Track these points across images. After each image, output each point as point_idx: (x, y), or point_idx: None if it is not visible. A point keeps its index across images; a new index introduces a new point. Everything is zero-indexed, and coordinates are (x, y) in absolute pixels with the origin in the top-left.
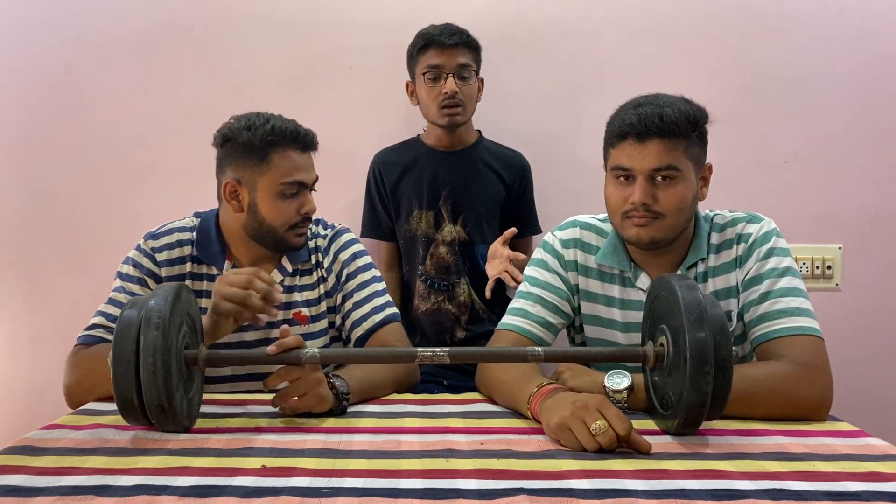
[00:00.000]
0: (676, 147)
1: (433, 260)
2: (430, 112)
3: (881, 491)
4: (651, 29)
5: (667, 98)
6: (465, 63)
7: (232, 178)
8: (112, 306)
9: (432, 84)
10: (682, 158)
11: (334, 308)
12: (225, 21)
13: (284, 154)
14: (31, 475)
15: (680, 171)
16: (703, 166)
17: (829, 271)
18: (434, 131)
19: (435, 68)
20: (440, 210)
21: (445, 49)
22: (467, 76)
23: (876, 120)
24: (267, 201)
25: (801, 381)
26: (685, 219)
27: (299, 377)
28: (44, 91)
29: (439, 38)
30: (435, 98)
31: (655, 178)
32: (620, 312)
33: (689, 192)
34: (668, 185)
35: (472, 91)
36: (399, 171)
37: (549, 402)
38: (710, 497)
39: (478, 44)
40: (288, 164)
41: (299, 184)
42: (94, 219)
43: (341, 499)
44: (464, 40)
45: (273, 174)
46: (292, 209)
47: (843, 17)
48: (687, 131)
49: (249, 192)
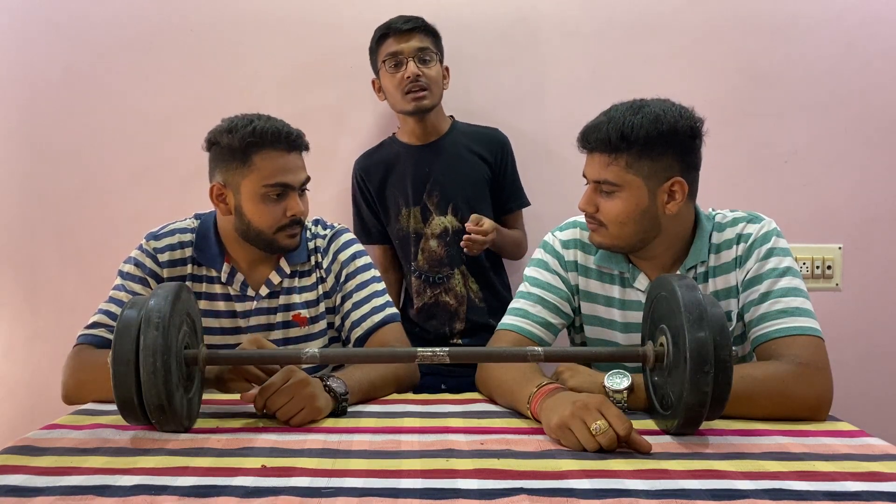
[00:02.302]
0: (616, 162)
1: (424, 255)
2: (396, 101)
3: (881, 491)
4: (651, 29)
5: (634, 109)
6: (424, 46)
7: (218, 180)
8: (114, 305)
9: (394, 70)
10: (622, 173)
11: (333, 309)
12: (225, 21)
13: (266, 155)
14: (31, 475)
15: (618, 185)
16: (664, 181)
17: (829, 271)
18: (406, 126)
19: (394, 55)
20: (426, 204)
21: (402, 34)
22: (428, 59)
23: (876, 120)
24: (251, 204)
25: (801, 381)
26: (632, 231)
27: (288, 394)
28: (44, 91)
29: (395, 25)
30: (398, 84)
31: (601, 189)
32: (620, 313)
33: (630, 206)
34: (608, 198)
35: (434, 75)
36: (380, 173)
37: (550, 401)
38: (710, 497)
39: (436, 30)
40: (270, 165)
41: (283, 185)
42: (94, 219)
43: (341, 499)
44: (420, 24)
45: (255, 176)
46: (278, 212)
47: (843, 17)
48: (623, 148)
49: (234, 195)
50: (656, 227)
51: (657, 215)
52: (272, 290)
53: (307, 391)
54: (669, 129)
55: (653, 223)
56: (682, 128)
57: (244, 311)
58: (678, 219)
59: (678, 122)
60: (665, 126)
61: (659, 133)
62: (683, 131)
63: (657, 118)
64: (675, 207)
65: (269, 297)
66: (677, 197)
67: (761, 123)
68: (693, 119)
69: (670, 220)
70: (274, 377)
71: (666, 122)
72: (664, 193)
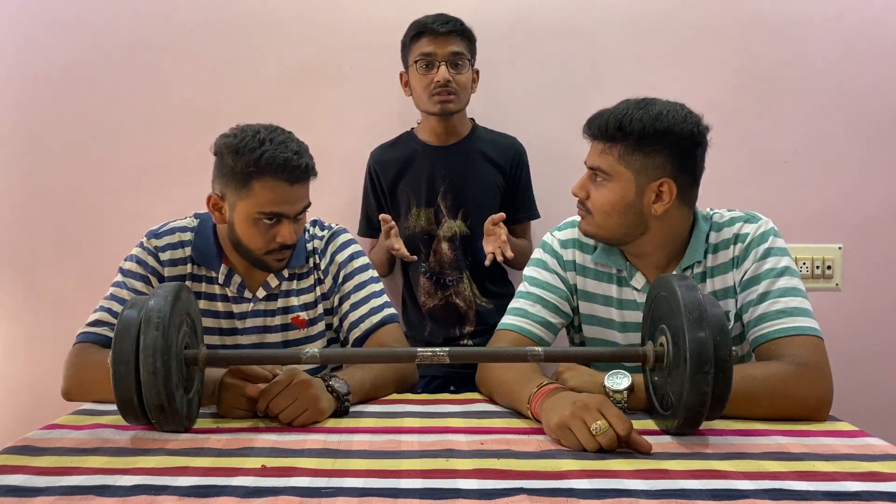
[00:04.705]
0: (610, 151)
1: (436, 256)
2: (421, 100)
3: (881, 491)
4: (651, 29)
5: (641, 104)
6: (459, 51)
7: (216, 191)
8: (115, 302)
9: (425, 72)
10: (614, 163)
11: (332, 310)
12: (225, 21)
13: (266, 184)
14: (31, 475)
15: (609, 174)
16: (653, 179)
17: (829, 271)
18: (427, 124)
19: (427, 56)
20: (439, 206)
21: (438, 37)
22: (461, 64)
23: (876, 120)
24: (243, 224)
25: (800, 381)
26: (615, 223)
27: (293, 396)
28: (44, 91)
29: (432, 25)
30: (427, 86)
31: (595, 177)
32: (618, 312)
33: (616, 198)
34: (598, 186)
35: (465, 80)
36: (396, 169)
37: (550, 401)
38: (710, 497)
39: (472, 34)
40: (269, 195)
41: (278, 215)
42: (94, 219)
43: (341, 499)
44: (457, 28)
45: (251, 201)
46: (268, 237)
47: (843, 17)
48: (618, 138)
49: (230, 211)
50: (642, 225)
51: (643, 213)
52: (269, 292)
53: (310, 393)
54: (666, 129)
55: (638, 219)
56: (680, 130)
57: (240, 313)
58: (668, 220)
59: (678, 123)
60: (662, 125)
61: (655, 130)
62: (681, 134)
63: (658, 116)
64: (661, 208)
65: (267, 300)
66: (664, 198)
67: (761, 123)
68: (696, 125)
69: (658, 221)
70: (276, 379)
71: (665, 121)
72: (652, 192)
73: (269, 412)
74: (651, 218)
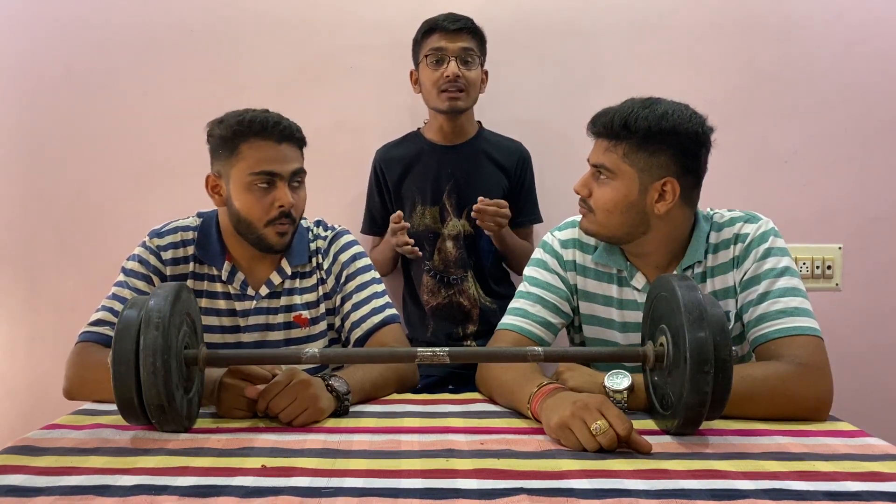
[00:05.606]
0: (615, 149)
1: (441, 255)
2: (430, 97)
3: (881, 491)
4: (651, 29)
5: (646, 103)
6: (469, 48)
7: (213, 171)
8: (117, 302)
9: (435, 67)
10: (618, 161)
11: (333, 310)
12: (225, 21)
13: (253, 144)
14: (31, 475)
15: (612, 172)
16: (657, 178)
17: (829, 271)
18: (435, 122)
19: (438, 51)
20: (445, 205)
21: (449, 33)
22: (470, 61)
23: (876, 120)
24: (239, 193)
25: (800, 381)
26: (618, 222)
27: (294, 395)
28: (44, 91)
29: (443, 23)
30: (436, 82)
31: (597, 174)
32: (618, 312)
33: (619, 196)
34: (602, 183)
35: (474, 77)
36: (402, 167)
37: (550, 401)
38: (710, 497)
39: (482, 33)
40: (257, 154)
41: (270, 174)
42: (94, 219)
43: (341, 499)
44: (468, 26)
45: (242, 165)
46: (266, 202)
47: (842, 17)
48: (623, 136)
49: (225, 185)
50: (644, 224)
51: (645, 212)
52: (272, 290)
53: (310, 392)
54: (671, 128)
55: (640, 218)
56: (684, 130)
57: (243, 311)
58: (669, 220)
59: (683, 123)
60: (668, 124)
61: (660, 129)
62: (685, 134)
63: (663, 115)
64: (663, 207)
65: (270, 298)
66: (667, 197)
67: (761, 123)
68: (701, 126)
69: (660, 220)
70: (276, 379)
71: (670, 121)
72: (655, 191)
73: (268, 412)
74: (653, 217)
